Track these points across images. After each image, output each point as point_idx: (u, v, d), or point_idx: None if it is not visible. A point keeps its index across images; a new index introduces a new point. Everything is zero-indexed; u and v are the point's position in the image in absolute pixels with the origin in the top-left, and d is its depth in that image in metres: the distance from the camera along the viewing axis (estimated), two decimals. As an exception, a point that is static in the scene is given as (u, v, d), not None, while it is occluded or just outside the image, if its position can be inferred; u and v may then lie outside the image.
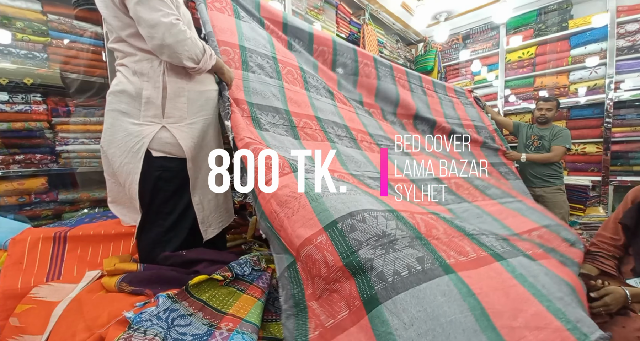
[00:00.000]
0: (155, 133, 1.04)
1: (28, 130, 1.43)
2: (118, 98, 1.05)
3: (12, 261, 0.92)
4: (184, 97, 1.10)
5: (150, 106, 1.04)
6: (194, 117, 1.13)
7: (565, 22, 3.11)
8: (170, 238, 1.10)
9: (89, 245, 1.04)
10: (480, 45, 3.78)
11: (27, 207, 1.46)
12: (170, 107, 1.07)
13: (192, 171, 1.12)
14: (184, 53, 1.00)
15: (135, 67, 1.04)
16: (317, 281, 0.73)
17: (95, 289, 0.93)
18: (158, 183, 1.07)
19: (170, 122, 1.07)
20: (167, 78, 1.06)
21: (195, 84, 1.13)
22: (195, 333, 0.79)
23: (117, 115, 1.04)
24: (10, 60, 1.39)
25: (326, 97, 1.68)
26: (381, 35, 3.67)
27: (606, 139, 2.80)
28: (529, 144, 2.68)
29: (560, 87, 3.13)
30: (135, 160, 1.03)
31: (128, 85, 1.04)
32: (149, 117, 1.05)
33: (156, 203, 1.08)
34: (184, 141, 1.08)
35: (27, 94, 1.44)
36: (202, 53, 1.06)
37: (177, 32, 0.97)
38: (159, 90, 1.04)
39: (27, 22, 1.43)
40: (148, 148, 1.03)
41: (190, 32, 1.03)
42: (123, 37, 1.04)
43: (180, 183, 1.11)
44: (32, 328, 0.84)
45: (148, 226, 1.09)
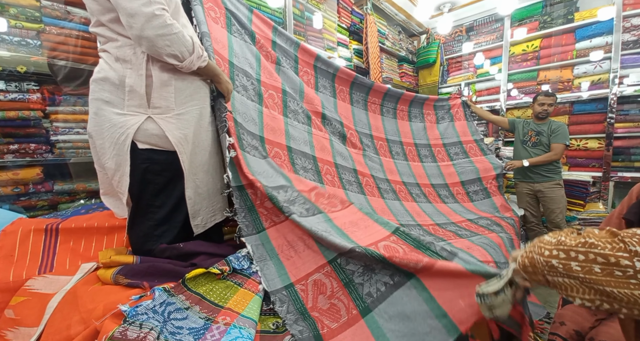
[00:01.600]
0: (140, 124, 0.98)
1: (22, 119, 1.40)
2: (101, 86, 0.98)
3: (3, 254, 0.91)
4: (171, 86, 1.03)
5: (134, 95, 0.97)
6: (183, 107, 1.06)
7: (571, 15, 3.05)
8: (162, 232, 1.06)
9: (82, 237, 1.03)
10: (483, 38, 3.72)
11: (23, 197, 1.44)
12: (156, 97, 1.00)
13: (185, 164, 1.07)
14: (165, 48, 0.92)
15: (118, 53, 0.97)
16: (321, 298, 0.97)
17: (91, 281, 0.92)
18: (146, 176, 1.02)
19: (157, 112, 1.01)
20: (152, 66, 0.98)
21: (183, 72, 1.06)
22: (191, 326, 0.78)
23: (101, 104, 0.98)
24: (4, 47, 1.36)
25: (303, 123, 1.73)
26: (383, 26, 3.60)
27: (608, 135, 2.78)
28: (526, 140, 2.65)
29: (564, 81, 3.09)
30: (122, 152, 0.98)
31: (110, 73, 0.97)
32: (134, 107, 0.98)
33: (146, 197, 1.04)
34: (171, 132, 1.02)
35: (21, 82, 1.41)
36: (189, 52, 0.98)
37: (159, 25, 0.89)
38: (142, 78, 0.97)
39: (21, 9, 1.38)
40: (133, 140, 0.98)
41: (179, 26, 0.95)
42: (103, 21, 0.96)
43: (171, 176, 1.06)
44: (27, 320, 0.83)
45: (139, 219, 1.06)
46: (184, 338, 0.75)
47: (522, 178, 2.70)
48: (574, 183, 2.77)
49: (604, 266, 0.50)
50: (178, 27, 0.94)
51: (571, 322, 1.05)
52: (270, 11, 2.34)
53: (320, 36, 2.80)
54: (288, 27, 2.44)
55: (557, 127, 2.48)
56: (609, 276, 0.50)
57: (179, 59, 0.97)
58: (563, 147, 2.44)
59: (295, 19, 2.53)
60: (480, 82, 3.83)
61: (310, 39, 2.70)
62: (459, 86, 4.05)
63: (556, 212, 2.52)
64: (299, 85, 1.80)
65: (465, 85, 4.00)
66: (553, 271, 0.56)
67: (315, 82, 1.99)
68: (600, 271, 0.50)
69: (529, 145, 2.61)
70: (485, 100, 3.77)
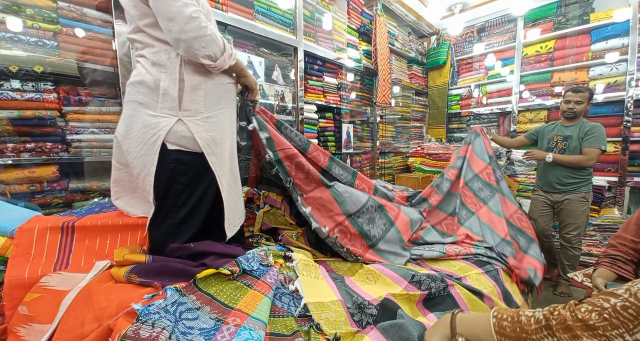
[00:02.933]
0: (171, 126, 1.02)
1: (39, 118, 1.43)
2: (137, 89, 1.03)
3: (20, 251, 0.92)
4: (201, 89, 1.08)
5: (167, 98, 1.02)
6: (211, 110, 1.11)
7: (586, 15, 2.99)
8: (181, 231, 1.09)
9: (97, 235, 1.04)
10: (495, 39, 3.67)
11: (38, 195, 1.47)
12: (187, 100, 1.05)
13: (216, 165, 1.11)
14: (201, 50, 0.98)
15: (154, 58, 1.03)
16: (345, 240, 1.44)
17: (105, 279, 0.93)
18: (173, 176, 1.06)
19: (187, 115, 1.06)
20: (185, 70, 1.04)
21: (213, 77, 1.12)
22: (202, 327, 0.79)
23: (136, 106, 1.03)
24: (20, 47, 1.38)
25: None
26: (393, 27, 3.59)
27: (625, 138, 2.71)
28: (551, 147, 2.27)
29: (580, 83, 3.02)
30: (151, 152, 1.02)
31: (147, 76, 1.03)
32: (166, 109, 1.03)
33: (170, 196, 1.07)
34: (199, 135, 1.07)
35: (37, 82, 1.44)
36: (220, 51, 1.03)
37: (195, 27, 0.94)
38: (175, 82, 1.03)
39: (37, 9, 1.41)
40: (164, 141, 1.02)
41: (212, 27, 1.01)
42: (141, 26, 1.02)
43: (193, 176, 1.10)
44: (41, 316, 0.84)
45: (161, 218, 1.09)
46: (195, 338, 0.75)
47: (542, 187, 2.35)
48: (589, 188, 2.70)
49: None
50: (212, 28, 0.99)
51: None
52: (281, 12, 2.35)
53: (329, 37, 2.80)
54: (298, 28, 2.45)
55: (591, 128, 2.08)
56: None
57: (212, 59, 1.02)
58: (598, 152, 2.04)
59: (305, 20, 2.54)
60: (491, 83, 3.78)
61: (319, 40, 2.70)
62: (469, 88, 4.00)
63: (571, 227, 2.21)
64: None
65: (476, 87, 3.95)
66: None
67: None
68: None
69: (556, 152, 2.24)
70: (496, 102, 3.72)
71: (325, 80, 2.82)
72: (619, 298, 0.56)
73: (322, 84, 2.80)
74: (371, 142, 3.55)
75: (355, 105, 3.25)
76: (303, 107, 2.55)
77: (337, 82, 2.96)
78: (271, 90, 2.37)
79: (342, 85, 3.02)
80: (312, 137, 2.75)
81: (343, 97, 3.03)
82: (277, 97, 2.42)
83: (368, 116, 3.52)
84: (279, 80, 2.46)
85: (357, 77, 3.27)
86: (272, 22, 2.29)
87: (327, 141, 2.92)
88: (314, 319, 0.92)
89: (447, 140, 4.19)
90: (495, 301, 1.24)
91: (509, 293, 1.38)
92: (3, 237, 0.99)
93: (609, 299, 0.58)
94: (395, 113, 3.91)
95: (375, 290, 1.15)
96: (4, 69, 1.36)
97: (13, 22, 1.37)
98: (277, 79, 2.45)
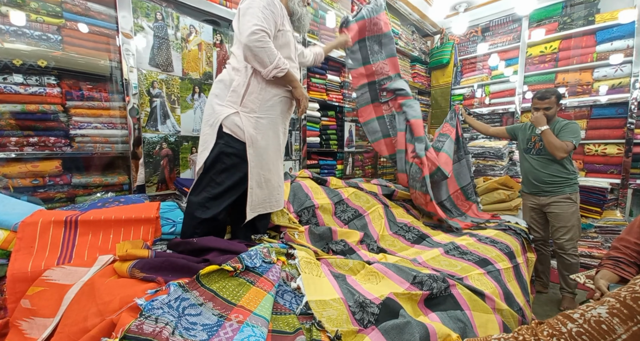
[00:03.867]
0: (229, 114, 1.33)
1: (42, 112, 1.43)
2: (217, 85, 1.40)
3: (23, 245, 0.92)
4: (260, 94, 1.37)
5: (234, 94, 1.35)
6: (263, 113, 1.38)
7: (591, 16, 2.97)
8: (211, 206, 1.31)
9: (100, 230, 1.04)
10: (500, 38, 3.65)
11: (41, 189, 1.47)
12: (248, 100, 1.35)
13: (252, 156, 1.35)
14: (252, 56, 1.27)
15: (236, 65, 1.38)
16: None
17: (108, 274, 0.93)
18: (220, 155, 1.32)
19: (244, 111, 1.35)
20: (253, 77, 1.35)
21: (272, 87, 1.39)
22: (205, 323, 0.79)
23: (212, 97, 1.39)
24: (24, 41, 1.38)
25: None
26: (397, 25, 3.57)
27: (628, 140, 2.70)
28: (529, 148, 2.29)
29: (584, 84, 3.01)
30: (213, 132, 1.33)
31: (226, 76, 1.39)
32: (230, 102, 1.35)
33: (212, 171, 1.33)
34: (247, 129, 1.34)
35: (41, 76, 1.43)
36: (270, 62, 1.28)
37: (253, 40, 1.23)
38: (244, 84, 1.34)
39: (42, 3, 1.41)
40: (222, 124, 1.32)
41: (271, 44, 1.27)
42: (239, 44, 1.35)
43: (237, 161, 1.34)
44: (43, 310, 0.85)
45: (200, 189, 1.34)
46: (197, 334, 0.75)
47: (526, 189, 2.37)
48: (591, 190, 2.69)
49: None
50: (268, 44, 1.26)
51: None
52: (285, 9, 2.34)
53: (333, 35, 2.78)
54: (302, 25, 2.43)
55: (566, 125, 2.09)
56: None
57: (262, 66, 1.29)
58: (570, 145, 2.01)
59: (310, 18, 2.52)
60: (495, 83, 3.76)
61: (323, 38, 2.69)
62: (472, 87, 3.99)
63: (562, 232, 2.17)
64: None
65: (479, 87, 3.93)
66: None
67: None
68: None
69: (533, 153, 2.26)
70: (500, 102, 3.71)
71: (328, 78, 2.81)
72: (575, 323, 0.59)
73: (325, 82, 2.79)
74: (373, 140, 3.54)
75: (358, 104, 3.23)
76: (306, 104, 2.55)
77: (340, 80, 2.95)
78: (274, 87, 2.37)
79: (345, 83, 3.01)
80: (315, 134, 2.74)
81: (346, 95, 3.02)
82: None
83: (370, 115, 3.50)
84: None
85: (360, 76, 3.25)
86: (276, 19, 2.28)
87: (329, 139, 2.92)
88: (315, 317, 0.92)
89: (449, 140, 4.17)
90: (497, 301, 1.24)
91: (511, 294, 1.38)
92: (6, 230, 0.99)
93: (566, 323, 0.60)
94: (397, 113, 3.89)
95: (377, 289, 1.15)
96: (7, 63, 1.35)
97: (17, 15, 1.36)
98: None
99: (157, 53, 1.73)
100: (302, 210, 1.76)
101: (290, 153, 2.51)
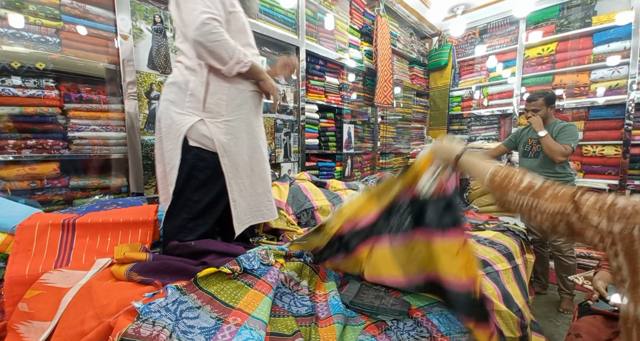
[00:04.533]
0: (193, 123, 1.12)
1: (40, 115, 1.43)
2: (170, 89, 1.16)
3: (21, 248, 0.92)
4: (224, 94, 1.17)
5: (193, 98, 1.13)
6: (231, 114, 1.19)
7: (588, 18, 2.99)
8: (195, 226, 1.15)
9: (98, 233, 1.04)
10: (497, 41, 3.67)
11: (39, 191, 1.47)
12: (210, 102, 1.15)
13: (227, 167, 1.17)
14: (207, 53, 1.08)
15: (188, 63, 1.16)
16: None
17: (105, 277, 0.93)
18: (192, 171, 1.14)
19: (209, 116, 1.15)
20: (211, 75, 1.14)
21: (236, 83, 1.20)
22: (203, 326, 0.78)
23: (167, 104, 1.16)
24: (22, 44, 1.38)
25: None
26: (395, 27, 3.59)
27: (626, 142, 2.71)
28: (527, 151, 2.27)
29: (581, 86, 3.03)
30: (176, 146, 1.13)
31: (179, 78, 1.15)
32: (191, 109, 1.13)
33: (187, 190, 1.15)
34: (217, 136, 1.15)
35: (39, 79, 1.43)
36: (230, 57, 1.09)
37: (204, 32, 1.03)
38: (202, 85, 1.13)
39: (40, 6, 1.41)
40: (186, 136, 1.12)
41: (226, 35, 1.08)
42: (185, 37, 1.15)
43: (211, 174, 1.16)
44: (41, 313, 0.84)
45: (176, 211, 1.16)
46: (195, 337, 0.75)
47: None
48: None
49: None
50: (222, 34, 1.07)
51: (587, 335, 1.02)
52: (283, 12, 2.35)
53: (331, 37, 2.80)
54: (300, 28, 2.44)
55: (564, 127, 2.08)
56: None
57: (221, 63, 1.11)
58: (568, 148, 2.01)
59: (308, 20, 2.54)
60: (492, 85, 3.78)
61: (321, 40, 2.70)
62: (471, 89, 4.01)
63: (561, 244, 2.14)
64: None
65: (477, 89, 3.95)
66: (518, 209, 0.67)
67: None
68: (565, 229, 0.61)
69: (531, 156, 2.25)
70: (497, 104, 3.72)
71: (326, 80, 2.82)
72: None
73: (324, 84, 2.80)
74: (372, 142, 3.55)
75: (356, 106, 3.25)
76: (304, 106, 2.55)
77: (338, 82, 2.96)
78: (273, 89, 2.37)
79: (344, 85, 3.02)
80: (313, 136, 2.75)
81: (344, 97, 3.03)
82: (279, 97, 2.42)
83: (369, 117, 3.52)
84: (281, 79, 2.46)
85: (358, 78, 3.26)
86: (275, 22, 2.29)
87: (328, 141, 2.92)
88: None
89: (447, 141, 4.18)
90: (496, 303, 1.23)
91: (510, 295, 1.37)
92: (3, 233, 0.98)
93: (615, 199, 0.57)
94: (396, 114, 3.91)
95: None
96: (5, 66, 1.35)
97: (15, 18, 1.36)
98: (279, 78, 2.45)
99: (155, 55, 1.74)
100: (301, 212, 1.76)
101: (289, 155, 2.52)
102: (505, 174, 0.71)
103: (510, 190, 0.68)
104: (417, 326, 0.94)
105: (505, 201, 0.70)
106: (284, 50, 2.49)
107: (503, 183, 0.69)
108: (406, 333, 0.91)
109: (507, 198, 0.69)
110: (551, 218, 0.60)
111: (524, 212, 0.65)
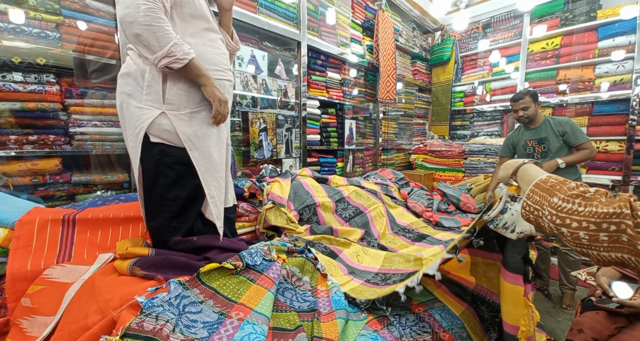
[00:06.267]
0: (153, 118, 1.01)
1: (41, 110, 1.42)
2: (125, 80, 1.04)
3: (21, 244, 0.92)
4: (185, 84, 1.05)
5: (151, 90, 1.02)
6: (197, 106, 1.08)
7: (594, 12, 2.95)
8: (178, 224, 1.09)
9: (98, 228, 1.04)
10: (501, 35, 3.63)
11: (41, 187, 1.47)
12: (170, 94, 1.03)
13: (198, 160, 1.08)
14: (134, 37, 0.94)
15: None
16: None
17: (108, 272, 0.93)
18: (159, 168, 1.05)
19: (171, 108, 1.04)
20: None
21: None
22: (206, 320, 0.79)
23: (125, 97, 1.04)
24: (23, 39, 1.37)
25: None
26: (397, 22, 3.55)
27: (630, 137, 2.68)
28: (530, 153, 2.20)
29: (585, 81, 2.99)
30: (136, 144, 1.02)
31: (133, 68, 1.03)
32: (150, 102, 1.02)
33: (159, 189, 1.06)
34: (181, 130, 1.04)
35: (40, 74, 1.43)
36: (159, 47, 0.94)
37: (136, 12, 0.90)
38: (159, 75, 1.01)
39: (40, 0, 1.40)
40: (147, 133, 1.01)
41: (162, 22, 0.94)
42: None
43: (183, 170, 1.07)
44: (44, 308, 0.85)
45: (155, 212, 1.08)
46: (198, 331, 0.75)
47: None
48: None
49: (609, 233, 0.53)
50: (158, 19, 0.93)
51: (590, 330, 1.02)
52: (285, 6, 2.33)
53: (333, 32, 2.77)
54: (301, 22, 2.42)
55: (569, 127, 2.04)
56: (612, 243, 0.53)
57: (150, 52, 0.96)
58: (590, 144, 2.01)
59: (309, 14, 2.51)
60: (496, 80, 3.75)
61: (323, 35, 2.68)
62: (473, 84, 3.97)
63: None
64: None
65: (480, 84, 3.92)
66: (560, 235, 0.60)
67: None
68: (606, 239, 0.54)
69: (538, 157, 2.17)
70: (500, 99, 3.69)
71: (328, 75, 2.80)
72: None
73: (325, 79, 2.78)
74: (374, 138, 3.53)
75: (358, 101, 3.23)
76: (306, 102, 2.54)
77: (340, 78, 2.94)
78: (274, 85, 2.36)
79: (346, 80, 3.00)
80: (315, 132, 2.74)
81: (346, 93, 3.01)
82: (280, 92, 2.40)
83: (371, 112, 3.50)
84: (282, 75, 2.44)
85: (360, 73, 3.24)
86: (276, 16, 2.27)
87: (330, 137, 2.91)
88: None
89: (449, 137, 4.16)
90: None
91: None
92: (5, 228, 0.99)
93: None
94: (398, 110, 3.88)
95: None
96: (6, 61, 1.35)
97: (15, 13, 1.36)
98: (280, 74, 2.43)
99: (156, 50, 1.72)
100: (303, 208, 1.76)
101: (290, 151, 2.51)
102: (562, 180, 0.65)
103: (557, 192, 0.61)
104: (419, 322, 0.94)
105: (540, 206, 0.64)
106: (285, 45, 2.47)
107: (556, 186, 0.63)
108: (408, 328, 0.91)
109: (547, 202, 0.62)
110: (598, 221, 0.53)
111: (561, 217, 0.58)
